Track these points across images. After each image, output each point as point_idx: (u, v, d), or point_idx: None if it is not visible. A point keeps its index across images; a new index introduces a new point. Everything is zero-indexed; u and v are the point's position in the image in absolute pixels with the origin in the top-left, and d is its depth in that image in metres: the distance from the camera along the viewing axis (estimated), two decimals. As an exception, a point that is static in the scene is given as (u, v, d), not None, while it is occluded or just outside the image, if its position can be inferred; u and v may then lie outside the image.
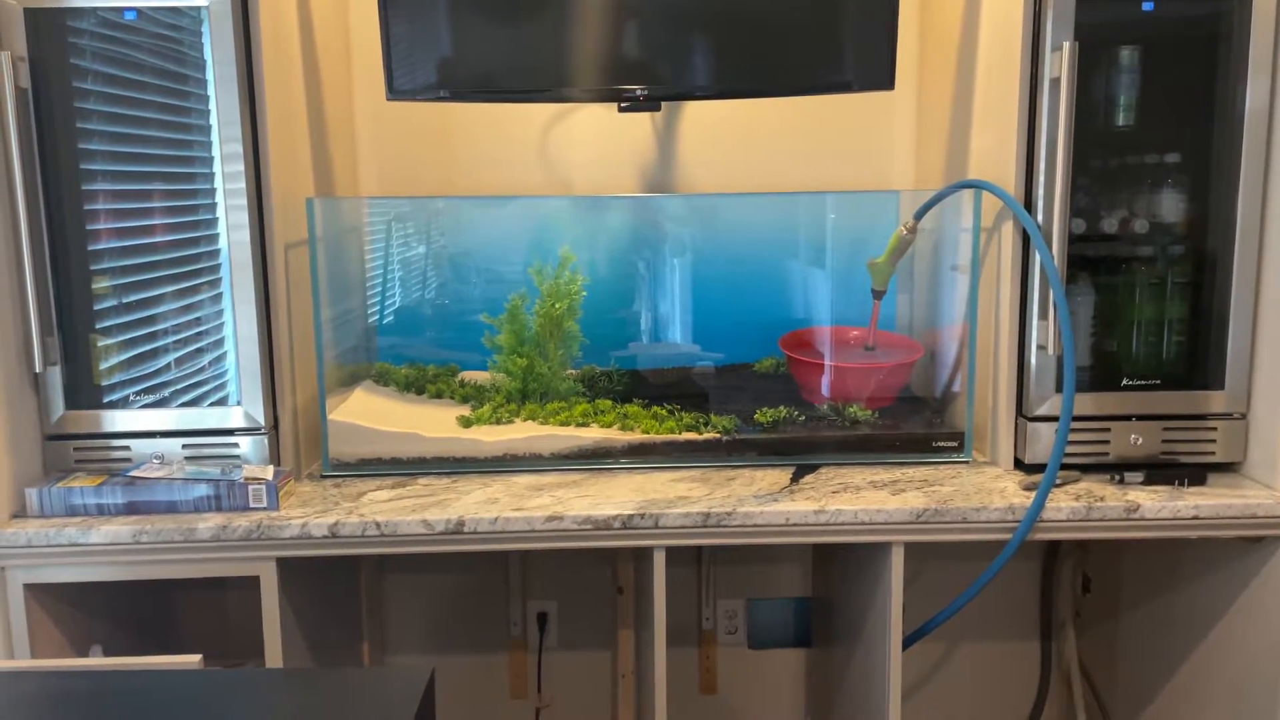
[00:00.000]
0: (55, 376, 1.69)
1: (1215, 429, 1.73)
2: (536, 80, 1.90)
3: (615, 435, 1.87)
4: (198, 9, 1.63)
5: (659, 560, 1.64)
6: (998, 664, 2.34)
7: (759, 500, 1.65)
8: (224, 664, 1.90)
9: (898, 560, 1.64)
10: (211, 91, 1.65)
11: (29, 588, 1.59)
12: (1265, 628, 1.66)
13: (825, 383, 1.98)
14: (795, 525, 1.61)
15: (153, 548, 1.58)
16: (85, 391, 1.71)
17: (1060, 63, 1.62)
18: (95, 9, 1.62)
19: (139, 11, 1.63)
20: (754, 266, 2.06)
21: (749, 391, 2.01)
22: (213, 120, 1.66)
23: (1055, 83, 1.64)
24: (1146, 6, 1.66)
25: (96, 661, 1.62)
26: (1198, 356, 1.74)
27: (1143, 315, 1.75)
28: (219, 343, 1.73)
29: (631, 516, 1.60)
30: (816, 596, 2.31)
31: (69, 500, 1.62)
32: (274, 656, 1.63)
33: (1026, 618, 2.33)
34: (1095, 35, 1.65)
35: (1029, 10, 1.66)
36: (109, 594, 1.78)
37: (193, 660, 1.27)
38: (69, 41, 1.62)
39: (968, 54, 1.91)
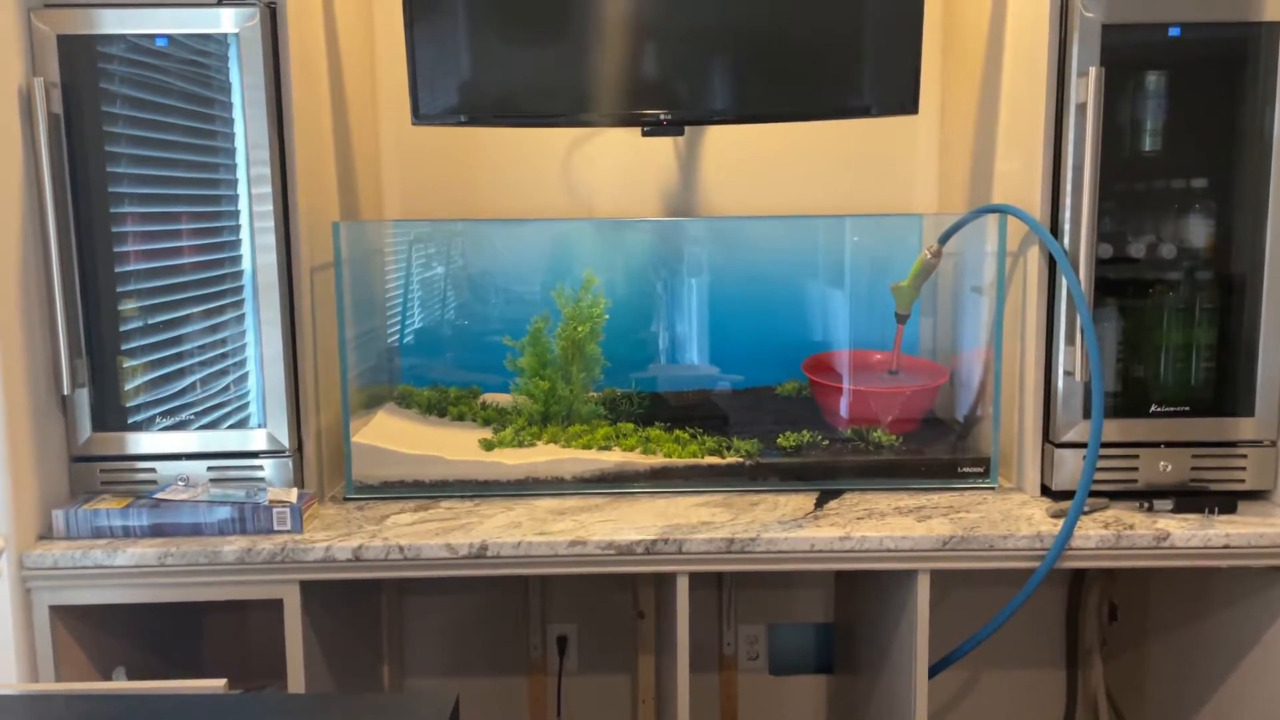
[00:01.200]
0: (83, 398, 1.70)
1: (1245, 456, 1.71)
2: (560, 105, 1.91)
3: (637, 459, 1.87)
4: (227, 35, 1.65)
5: (682, 586, 1.63)
6: (1023, 692, 2.31)
7: (783, 526, 1.64)
8: (245, 686, 1.91)
9: (924, 588, 1.62)
10: (239, 116, 1.67)
11: (55, 609, 1.59)
12: (1298, 659, 1.63)
13: (848, 406, 1.97)
14: (820, 552, 1.60)
15: (178, 570, 1.58)
16: (112, 413, 1.72)
17: (1086, 88, 1.62)
18: (126, 35, 1.64)
19: (169, 38, 1.65)
20: (776, 289, 2.05)
21: (771, 415, 2.00)
22: (240, 144, 1.67)
23: (1081, 108, 1.64)
24: (1173, 32, 1.65)
25: (122, 685, 1.63)
26: (1227, 383, 1.72)
27: (1171, 341, 1.73)
28: (243, 364, 1.73)
29: (655, 542, 1.60)
30: (839, 622, 2.29)
31: (95, 522, 1.63)
32: (296, 679, 1.62)
33: (1052, 645, 2.30)
34: (1121, 60, 1.64)
35: (1055, 35, 1.66)
36: (133, 615, 1.78)
37: (218, 684, 1.27)
38: (100, 67, 1.64)
39: (992, 78, 1.91)
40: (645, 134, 1.98)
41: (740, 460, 1.87)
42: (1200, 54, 1.67)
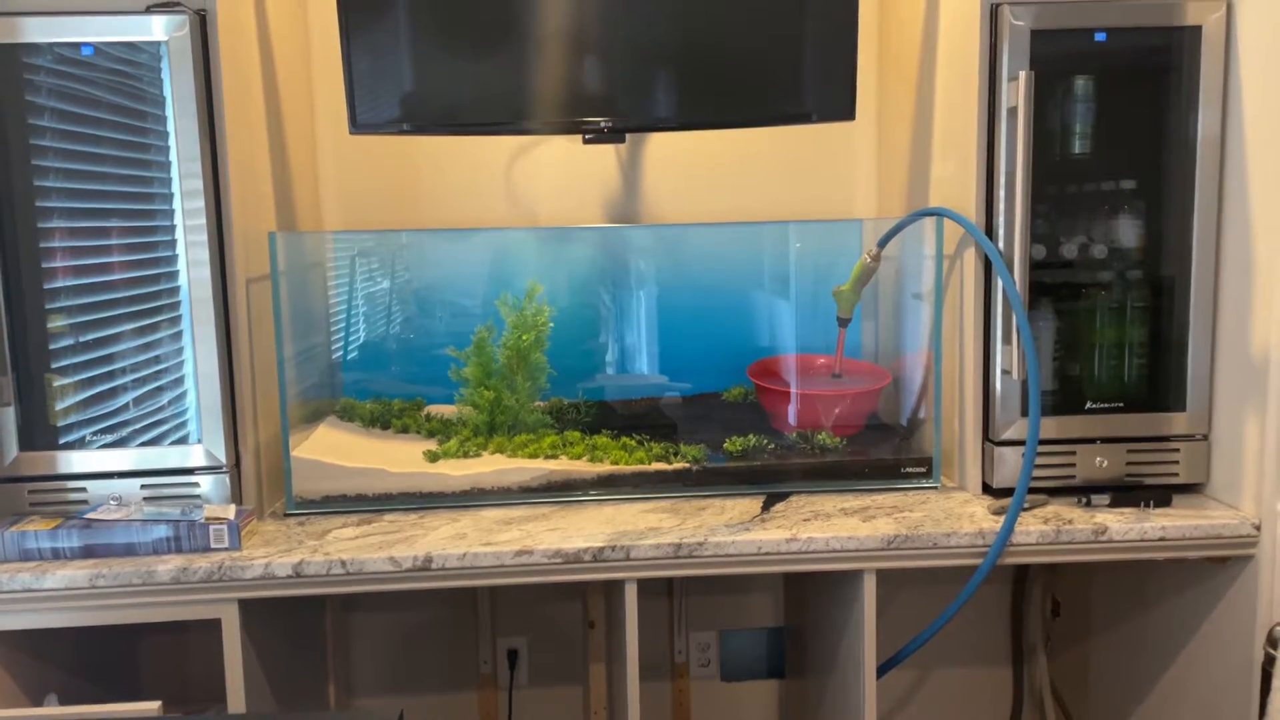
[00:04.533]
0: (9, 417, 1.65)
1: (1178, 450, 1.75)
2: (500, 113, 1.90)
3: (584, 467, 1.86)
4: (157, 44, 1.61)
5: (630, 593, 1.62)
6: (970, 689, 2.34)
7: (730, 530, 1.64)
8: (187, 709, 1.86)
9: (870, 587, 1.63)
10: (171, 127, 1.63)
11: (-19, 636, 1.54)
12: (1234, 647, 1.67)
13: (793, 411, 1.98)
14: (768, 554, 1.60)
15: (110, 592, 1.54)
16: (40, 432, 1.67)
17: (1017, 92, 1.65)
18: (51, 45, 1.60)
19: (96, 47, 1.61)
20: (720, 296, 2.06)
21: (718, 420, 2.01)
22: (172, 156, 1.64)
23: (1012, 112, 1.67)
24: (1099, 37, 1.69)
25: (51, 711, 1.57)
26: (1159, 379, 1.76)
27: (1104, 339, 1.77)
28: (179, 380, 1.69)
29: (602, 549, 1.59)
30: (789, 625, 2.29)
31: (23, 544, 1.57)
32: (236, 701, 1.58)
33: (997, 643, 2.33)
34: (1051, 65, 1.68)
35: (985, 41, 1.69)
36: (66, 640, 1.73)
37: (151, 708, 1.23)
38: (24, 78, 1.60)
39: (926, 84, 1.94)
40: (587, 141, 1.98)
41: (687, 466, 1.86)
42: (1126, 59, 1.71)
